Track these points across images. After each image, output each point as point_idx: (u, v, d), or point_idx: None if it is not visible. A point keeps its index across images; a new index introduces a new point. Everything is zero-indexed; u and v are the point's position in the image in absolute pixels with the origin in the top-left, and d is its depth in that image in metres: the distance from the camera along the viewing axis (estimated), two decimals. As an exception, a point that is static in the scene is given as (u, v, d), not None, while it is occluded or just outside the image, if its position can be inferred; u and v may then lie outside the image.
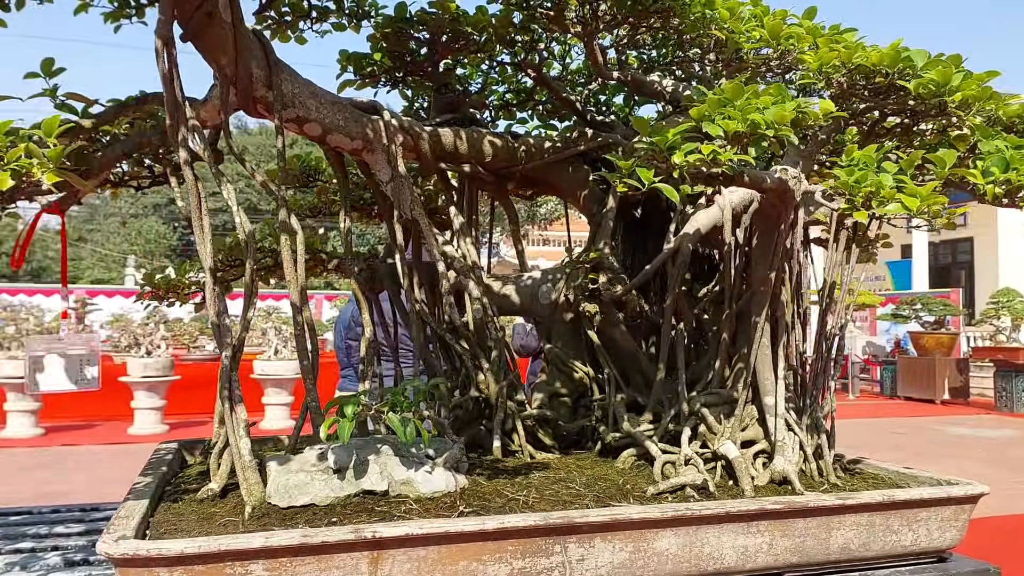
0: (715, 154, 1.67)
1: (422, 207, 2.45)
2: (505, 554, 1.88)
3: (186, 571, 1.66)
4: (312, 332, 2.19)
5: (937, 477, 2.46)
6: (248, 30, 2.13)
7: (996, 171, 1.92)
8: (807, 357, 2.40)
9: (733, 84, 1.75)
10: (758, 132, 1.67)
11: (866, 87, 2.05)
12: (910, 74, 2.00)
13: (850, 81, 2.06)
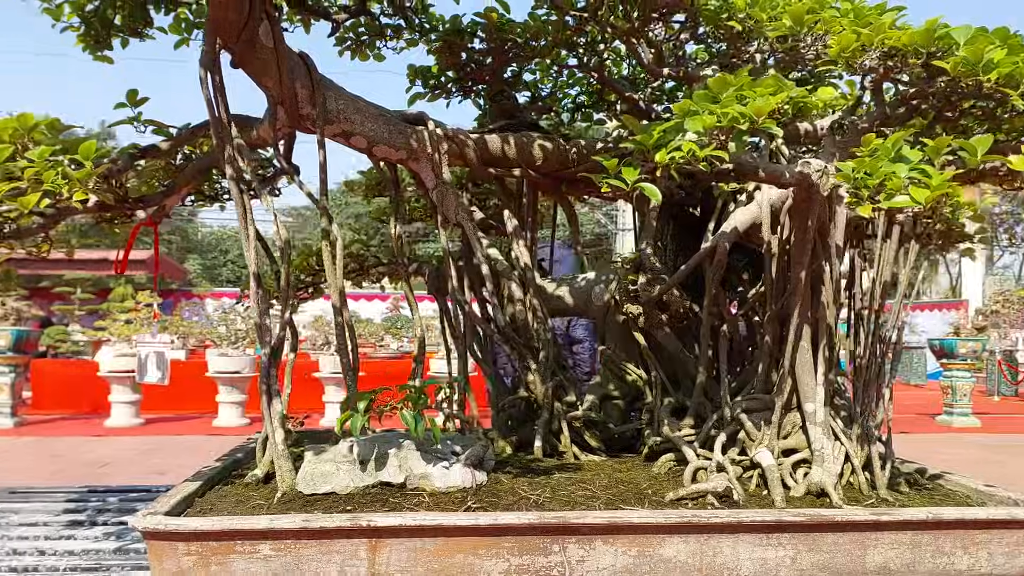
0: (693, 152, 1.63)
1: (468, 212, 2.54)
2: (502, 551, 1.92)
3: (202, 546, 1.85)
4: (352, 332, 2.34)
5: (1017, 498, 2.22)
6: (291, 52, 2.31)
7: (1046, 156, 1.72)
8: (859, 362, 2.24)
9: (717, 79, 1.69)
10: (735, 127, 1.61)
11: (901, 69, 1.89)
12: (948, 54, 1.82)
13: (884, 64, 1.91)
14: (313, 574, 1.87)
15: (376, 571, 1.89)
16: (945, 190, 1.60)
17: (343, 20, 2.83)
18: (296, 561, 1.87)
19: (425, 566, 1.91)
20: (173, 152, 2.50)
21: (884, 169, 1.67)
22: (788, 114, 1.73)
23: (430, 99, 2.99)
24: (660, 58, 2.63)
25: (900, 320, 2.21)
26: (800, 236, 2.12)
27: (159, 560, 1.86)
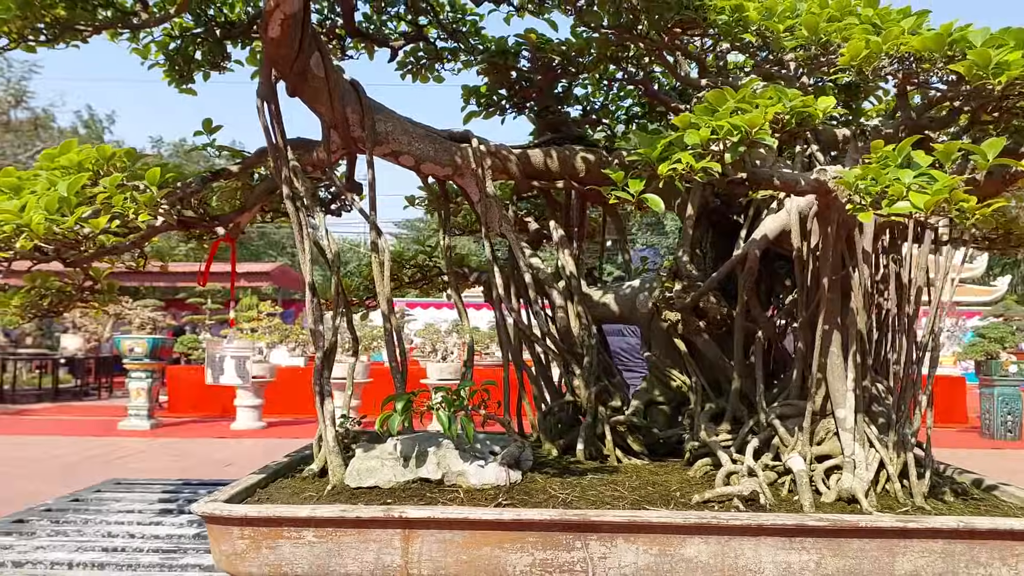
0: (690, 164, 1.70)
1: (510, 223, 2.66)
2: (527, 545, 2.03)
3: (254, 531, 2.05)
4: (400, 337, 2.50)
5: (1071, 510, 2.14)
6: (342, 80, 2.51)
7: (1063, 158, 1.68)
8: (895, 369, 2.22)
9: (715, 92, 1.75)
10: (728, 139, 1.66)
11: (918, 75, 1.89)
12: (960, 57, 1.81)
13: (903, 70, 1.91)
14: (352, 559, 2.04)
15: (409, 559, 2.03)
16: (944, 195, 1.60)
17: (400, 46, 3.02)
18: (337, 547, 2.04)
19: (454, 557, 2.04)
20: (244, 174, 2.74)
21: (888, 175, 1.69)
22: (791, 124, 1.76)
23: (485, 116, 3.13)
24: (703, 69, 2.68)
25: (936, 326, 2.17)
26: (826, 242, 2.13)
27: (217, 543, 2.07)
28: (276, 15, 2.20)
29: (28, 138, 27.51)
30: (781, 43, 2.07)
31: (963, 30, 1.86)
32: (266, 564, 2.05)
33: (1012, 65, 1.73)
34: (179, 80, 2.91)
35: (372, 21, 3.05)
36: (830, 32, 1.97)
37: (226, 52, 2.95)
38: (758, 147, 1.69)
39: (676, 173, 1.75)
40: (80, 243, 2.00)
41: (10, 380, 21.75)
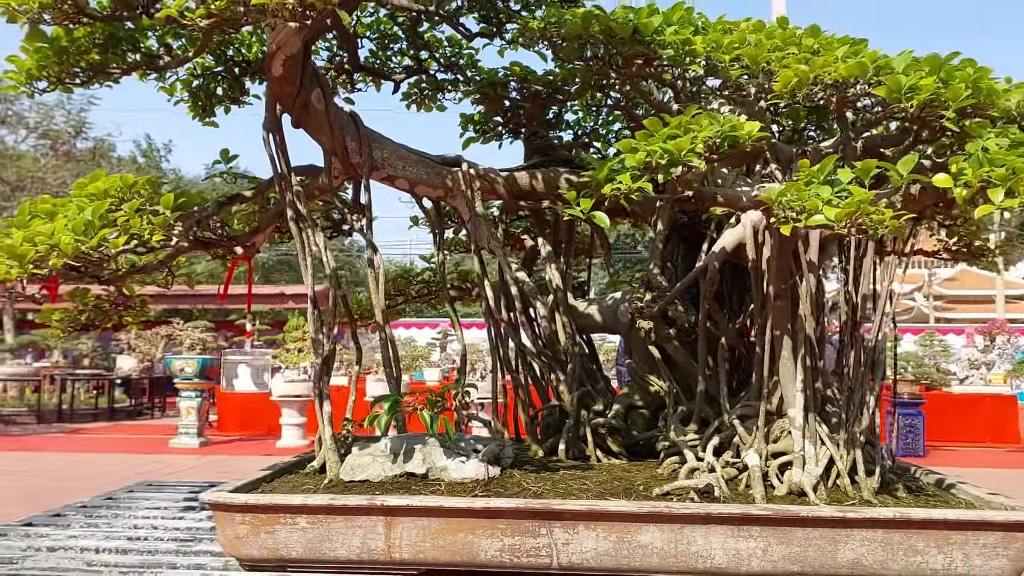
0: (624, 185, 1.90)
1: (498, 240, 2.89)
2: (497, 531, 2.23)
3: (253, 517, 2.28)
4: (394, 347, 2.74)
5: (1012, 504, 2.26)
6: (341, 112, 2.77)
7: (970, 171, 1.85)
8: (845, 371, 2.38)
9: (651, 120, 1.95)
10: (659, 162, 1.87)
11: (845, 97, 2.07)
12: (882, 82, 1.99)
13: (836, 94, 2.10)
14: (341, 543, 2.26)
15: (391, 544, 2.25)
16: (852, 208, 1.78)
17: (403, 79, 3.28)
18: (327, 533, 2.27)
19: (432, 542, 2.25)
20: (260, 198, 3.01)
21: (808, 191, 1.87)
22: (724, 146, 1.95)
23: (483, 142, 3.37)
24: (678, 95, 2.88)
25: (881, 331, 2.32)
26: (775, 253, 2.31)
27: (222, 528, 2.31)
28: (278, 56, 2.47)
29: (88, 167, 28.69)
30: (728, 72, 2.26)
31: (886, 58, 2.04)
32: (264, 547, 2.28)
33: (923, 89, 1.90)
34: (202, 114, 3.21)
35: (377, 57, 3.32)
36: (770, 61, 2.16)
37: (245, 87, 3.24)
38: (687, 167, 1.89)
39: (619, 193, 1.96)
40: (106, 262, 2.28)
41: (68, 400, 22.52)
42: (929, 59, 1.98)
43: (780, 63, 2.12)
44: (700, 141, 1.89)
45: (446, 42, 3.26)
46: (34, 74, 2.62)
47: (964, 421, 16.48)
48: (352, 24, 3.14)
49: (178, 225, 2.42)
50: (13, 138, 27.73)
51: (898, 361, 20.19)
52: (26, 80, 2.64)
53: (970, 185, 1.81)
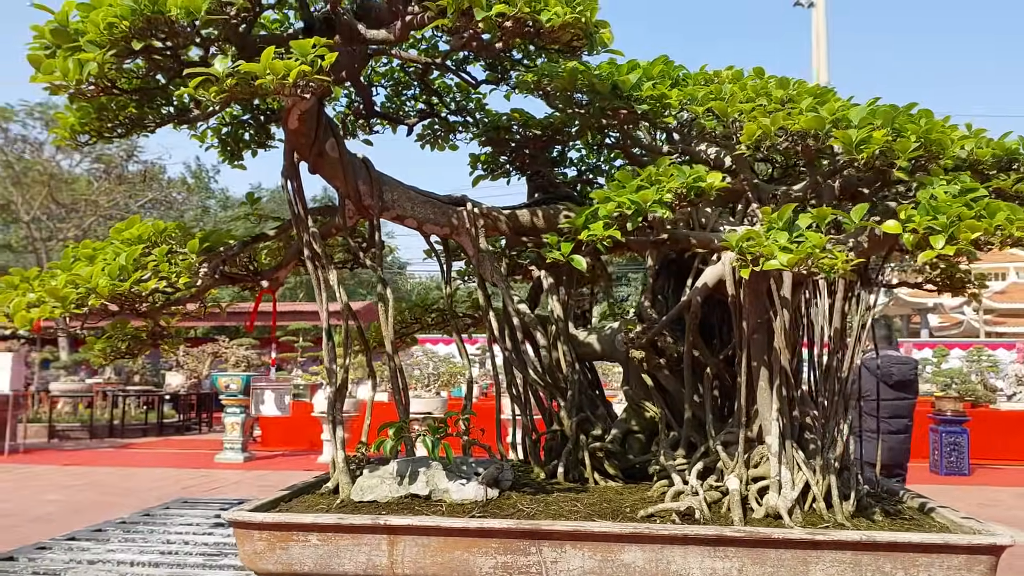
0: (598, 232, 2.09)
1: (501, 274, 3.08)
2: (490, 550, 2.41)
3: (269, 534, 2.50)
4: (403, 375, 2.94)
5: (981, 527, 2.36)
6: (354, 158, 2.99)
7: (918, 218, 1.99)
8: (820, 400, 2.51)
9: (623, 171, 2.13)
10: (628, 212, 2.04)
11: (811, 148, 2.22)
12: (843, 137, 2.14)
13: (800, 144, 2.25)
14: (348, 559, 2.46)
15: (394, 560, 2.44)
16: (804, 253, 1.93)
17: (416, 123, 3.51)
18: (336, 549, 2.47)
19: (431, 559, 2.43)
20: (282, 235, 3.25)
21: (757, 239, 2.03)
22: (691, 195, 2.12)
23: (491, 179, 3.57)
24: (669, 136, 3.05)
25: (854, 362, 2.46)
26: (750, 290, 2.46)
27: (242, 544, 2.53)
28: (294, 112, 2.71)
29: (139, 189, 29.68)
30: (702, 124, 2.43)
31: (844, 110, 2.19)
32: (280, 562, 2.49)
33: (873, 142, 2.04)
34: (231, 158, 3.47)
35: (392, 102, 3.55)
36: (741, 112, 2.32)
37: (270, 133, 3.49)
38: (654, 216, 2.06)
39: (594, 239, 2.14)
40: (140, 300, 2.52)
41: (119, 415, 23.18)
42: (883, 112, 2.12)
43: (748, 115, 2.28)
44: (666, 191, 2.06)
45: (455, 88, 3.47)
46: (77, 129, 2.89)
47: (1012, 439, 16.15)
48: (367, 74, 3.38)
49: (204, 266, 2.67)
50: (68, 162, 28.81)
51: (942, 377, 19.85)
52: (71, 135, 2.91)
53: (916, 231, 1.95)
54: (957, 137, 2.22)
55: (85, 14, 1.97)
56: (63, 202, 27.96)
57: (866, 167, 2.10)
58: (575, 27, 2.07)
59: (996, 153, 2.19)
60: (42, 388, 23.62)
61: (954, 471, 15.50)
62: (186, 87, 2.77)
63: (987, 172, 2.22)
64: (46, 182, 26.11)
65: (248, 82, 1.94)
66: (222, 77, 1.94)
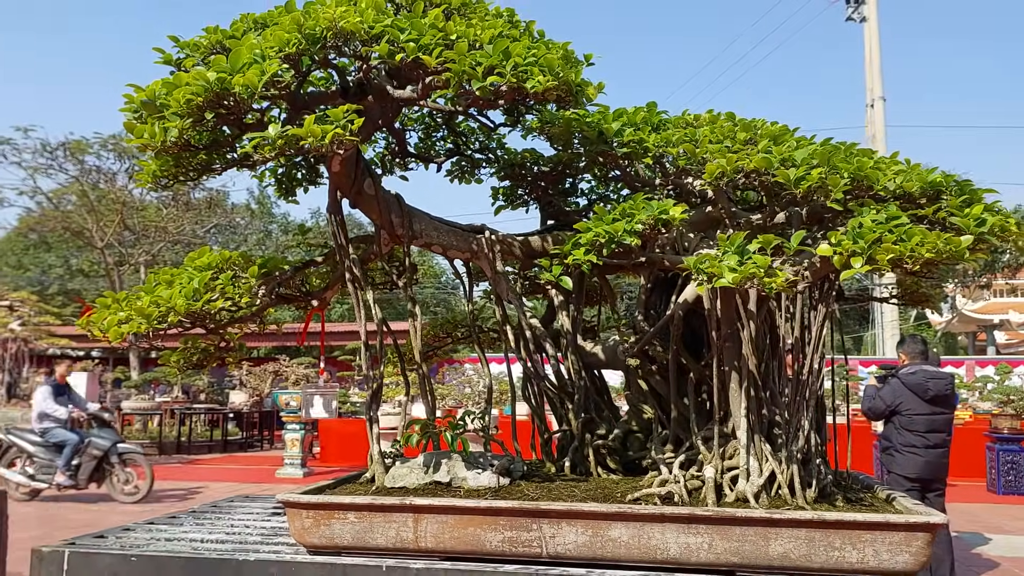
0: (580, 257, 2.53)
1: (516, 293, 3.53)
2: (498, 526, 2.83)
3: (315, 513, 2.97)
4: (430, 383, 3.41)
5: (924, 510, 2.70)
6: (388, 194, 3.49)
7: (846, 241, 2.38)
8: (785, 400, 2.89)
9: (600, 208, 2.57)
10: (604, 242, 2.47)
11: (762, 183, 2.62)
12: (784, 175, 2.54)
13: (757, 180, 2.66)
14: (380, 534, 2.91)
15: (418, 535, 2.89)
16: (747, 273, 2.33)
17: (444, 160, 4.00)
18: (370, 525, 2.93)
19: (449, 534, 2.87)
20: (329, 261, 3.76)
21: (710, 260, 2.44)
22: (658, 225, 2.54)
23: (512, 209, 4.04)
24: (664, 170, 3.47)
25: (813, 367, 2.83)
26: (722, 304, 2.85)
27: (292, 521, 3.01)
28: (336, 157, 3.20)
29: (205, 215, 31.01)
30: (677, 162, 2.85)
31: (792, 150, 2.59)
32: (323, 536, 2.96)
33: (809, 178, 2.44)
34: (285, 194, 4.00)
35: (423, 143, 4.05)
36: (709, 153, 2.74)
37: (319, 172, 4.02)
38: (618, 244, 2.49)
39: (579, 262, 2.58)
40: (209, 318, 3.04)
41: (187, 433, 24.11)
42: (820, 153, 2.51)
43: (713, 155, 2.70)
44: (636, 223, 2.48)
45: (478, 130, 3.95)
46: (158, 175, 3.44)
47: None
48: (401, 120, 3.88)
49: (262, 288, 3.18)
50: (139, 191, 30.28)
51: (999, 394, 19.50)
52: (152, 180, 3.47)
53: (842, 253, 2.34)
54: (891, 172, 2.59)
55: (168, 91, 2.50)
56: (134, 228, 29.39)
57: (804, 199, 2.49)
58: (558, 89, 2.51)
59: (922, 186, 2.55)
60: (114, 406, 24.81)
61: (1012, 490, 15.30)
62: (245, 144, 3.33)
63: (917, 202, 2.58)
64: (119, 210, 27.52)
65: (294, 142, 2.44)
66: (273, 139, 2.44)
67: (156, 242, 30.07)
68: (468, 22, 2.68)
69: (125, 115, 2.89)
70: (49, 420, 10.94)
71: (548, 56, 2.45)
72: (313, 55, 2.60)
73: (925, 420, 9.78)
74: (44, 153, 27.03)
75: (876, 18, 32.99)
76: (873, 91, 31.81)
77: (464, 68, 2.40)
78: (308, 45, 2.52)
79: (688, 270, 2.70)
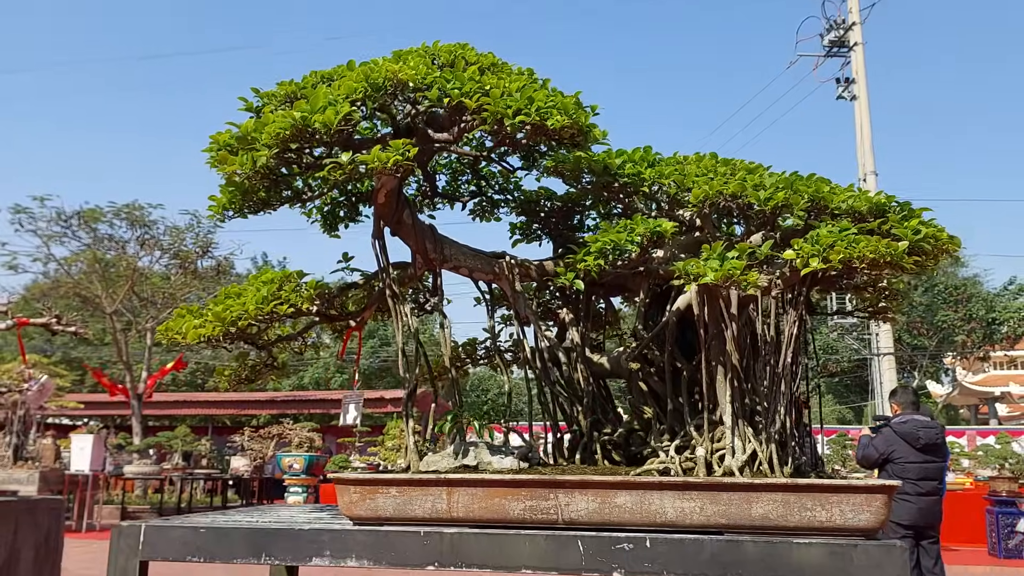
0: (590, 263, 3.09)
1: (534, 311, 4.08)
2: (520, 497, 3.31)
3: (362, 488, 3.45)
4: (458, 385, 3.93)
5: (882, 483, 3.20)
6: (423, 224, 4.07)
7: (806, 247, 2.96)
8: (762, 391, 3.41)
9: (605, 223, 3.14)
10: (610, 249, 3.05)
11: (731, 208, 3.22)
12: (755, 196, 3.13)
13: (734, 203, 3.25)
14: (418, 506, 3.39)
15: (451, 506, 3.36)
16: (725, 272, 2.89)
17: (468, 201, 4.60)
18: (409, 499, 3.40)
19: (477, 504, 3.35)
20: (366, 285, 4.32)
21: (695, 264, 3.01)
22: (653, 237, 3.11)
23: (527, 243, 4.62)
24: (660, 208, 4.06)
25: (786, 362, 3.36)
26: (708, 308, 3.41)
27: (341, 496, 3.48)
28: (381, 191, 3.81)
29: (212, 283, 31.70)
30: (668, 191, 3.44)
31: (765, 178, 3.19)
32: (368, 509, 3.43)
33: (774, 199, 3.02)
34: (329, 229, 4.59)
35: (450, 185, 4.67)
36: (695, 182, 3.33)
37: (359, 211, 4.62)
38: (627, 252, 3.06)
39: (588, 267, 3.15)
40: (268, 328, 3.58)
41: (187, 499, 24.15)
42: (784, 179, 3.11)
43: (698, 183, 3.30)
44: (635, 234, 3.06)
45: (498, 174, 4.57)
46: (226, 207, 4.03)
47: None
48: (432, 165, 4.50)
49: (316, 300, 3.73)
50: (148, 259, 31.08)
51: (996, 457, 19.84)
52: (220, 211, 4.06)
53: (802, 256, 2.90)
54: (844, 195, 3.19)
55: (260, 128, 3.11)
56: (143, 295, 30.03)
57: (773, 216, 3.08)
58: (572, 128, 3.12)
59: (869, 206, 3.14)
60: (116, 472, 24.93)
61: (1013, 555, 15.45)
62: (303, 177, 3.92)
63: (866, 219, 3.16)
64: (130, 276, 28.21)
65: (359, 167, 3.03)
66: (344, 164, 3.04)
67: (163, 308, 30.68)
68: (498, 77, 3.32)
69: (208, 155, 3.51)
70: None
71: (564, 101, 3.07)
72: (375, 100, 3.22)
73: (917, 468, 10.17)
74: (59, 222, 27.88)
75: (866, 96, 34.39)
76: (865, 166, 32.94)
77: (498, 108, 3.02)
78: (372, 92, 3.14)
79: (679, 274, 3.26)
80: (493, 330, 4.22)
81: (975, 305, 43.30)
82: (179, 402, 36.82)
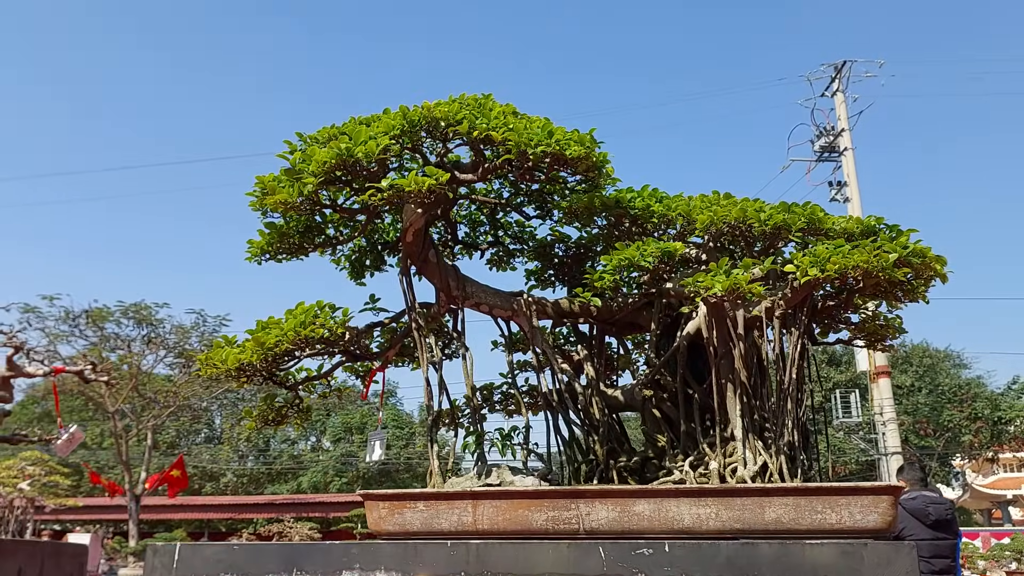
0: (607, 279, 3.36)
1: (549, 345, 4.32)
2: (544, 508, 3.46)
3: (390, 504, 3.59)
4: (479, 411, 4.12)
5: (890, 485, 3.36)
6: (447, 264, 4.36)
7: (804, 260, 3.23)
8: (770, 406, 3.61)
9: (620, 244, 3.43)
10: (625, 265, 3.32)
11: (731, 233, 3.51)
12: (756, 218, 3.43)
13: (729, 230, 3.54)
14: (444, 520, 3.53)
15: (477, 518, 3.50)
16: (731, 283, 3.16)
17: (486, 249, 4.91)
18: (436, 513, 3.55)
19: (502, 517, 3.49)
20: (390, 325, 4.57)
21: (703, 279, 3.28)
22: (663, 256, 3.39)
23: (541, 289, 4.90)
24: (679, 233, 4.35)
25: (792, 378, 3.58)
26: (717, 331, 3.65)
27: (370, 512, 3.62)
28: (410, 231, 4.12)
29: (216, 383, 31.72)
30: (677, 222, 3.75)
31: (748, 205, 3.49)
32: (396, 524, 3.57)
33: (774, 219, 3.32)
34: (356, 277, 4.88)
35: (469, 235, 4.98)
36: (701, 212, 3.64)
37: (384, 260, 4.92)
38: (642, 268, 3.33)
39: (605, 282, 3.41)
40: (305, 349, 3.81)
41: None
42: (782, 205, 3.42)
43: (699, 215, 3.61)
44: (648, 254, 3.34)
45: (514, 224, 4.90)
46: (265, 250, 4.33)
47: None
48: (453, 216, 4.84)
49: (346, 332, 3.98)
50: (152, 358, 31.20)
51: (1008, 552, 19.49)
52: (258, 254, 4.36)
53: (801, 268, 3.18)
54: (837, 219, 3.49)
55: (308, 160, 3.44)
56: (146, 395, 30.02)
57: (772, 238, 3.37)
58: (587, 161, 3.46)
59: (861, 228, 3.43)
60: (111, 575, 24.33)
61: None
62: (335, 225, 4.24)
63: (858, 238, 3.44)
64: (134, 374, 28.29)
65: (399, 192, 3.35)
66: (384, 189, 3.36)
67: (165, 409, 30.60)
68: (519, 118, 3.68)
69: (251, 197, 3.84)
70: None
71: (580, 135, 3.42)
72: (410, 137, 3.57)
73: (929, 546, 10.08)
74: (67, 320, 28.19)
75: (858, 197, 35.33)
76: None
77: (522, 140, 3.36)
78: (408, 127, 3.49)
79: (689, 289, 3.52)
80: (512, 365, 4.43)
81: (980, 404, 43.08)
82: (176, 506, 36.13)
